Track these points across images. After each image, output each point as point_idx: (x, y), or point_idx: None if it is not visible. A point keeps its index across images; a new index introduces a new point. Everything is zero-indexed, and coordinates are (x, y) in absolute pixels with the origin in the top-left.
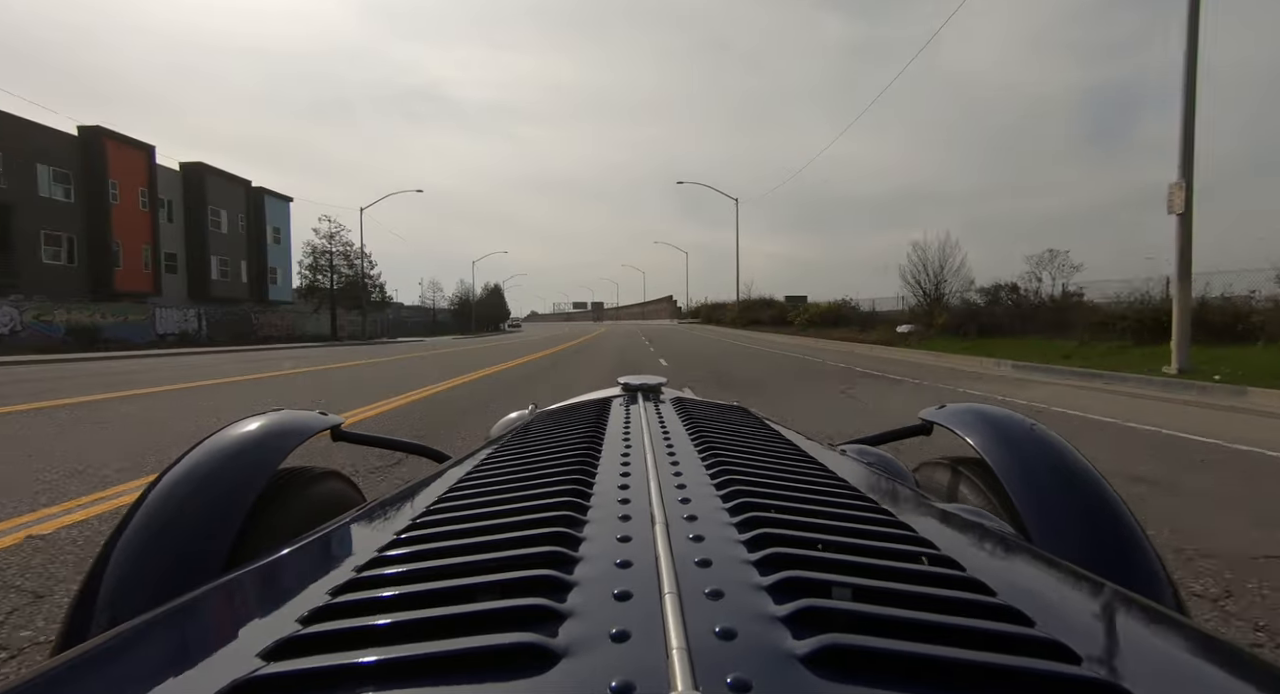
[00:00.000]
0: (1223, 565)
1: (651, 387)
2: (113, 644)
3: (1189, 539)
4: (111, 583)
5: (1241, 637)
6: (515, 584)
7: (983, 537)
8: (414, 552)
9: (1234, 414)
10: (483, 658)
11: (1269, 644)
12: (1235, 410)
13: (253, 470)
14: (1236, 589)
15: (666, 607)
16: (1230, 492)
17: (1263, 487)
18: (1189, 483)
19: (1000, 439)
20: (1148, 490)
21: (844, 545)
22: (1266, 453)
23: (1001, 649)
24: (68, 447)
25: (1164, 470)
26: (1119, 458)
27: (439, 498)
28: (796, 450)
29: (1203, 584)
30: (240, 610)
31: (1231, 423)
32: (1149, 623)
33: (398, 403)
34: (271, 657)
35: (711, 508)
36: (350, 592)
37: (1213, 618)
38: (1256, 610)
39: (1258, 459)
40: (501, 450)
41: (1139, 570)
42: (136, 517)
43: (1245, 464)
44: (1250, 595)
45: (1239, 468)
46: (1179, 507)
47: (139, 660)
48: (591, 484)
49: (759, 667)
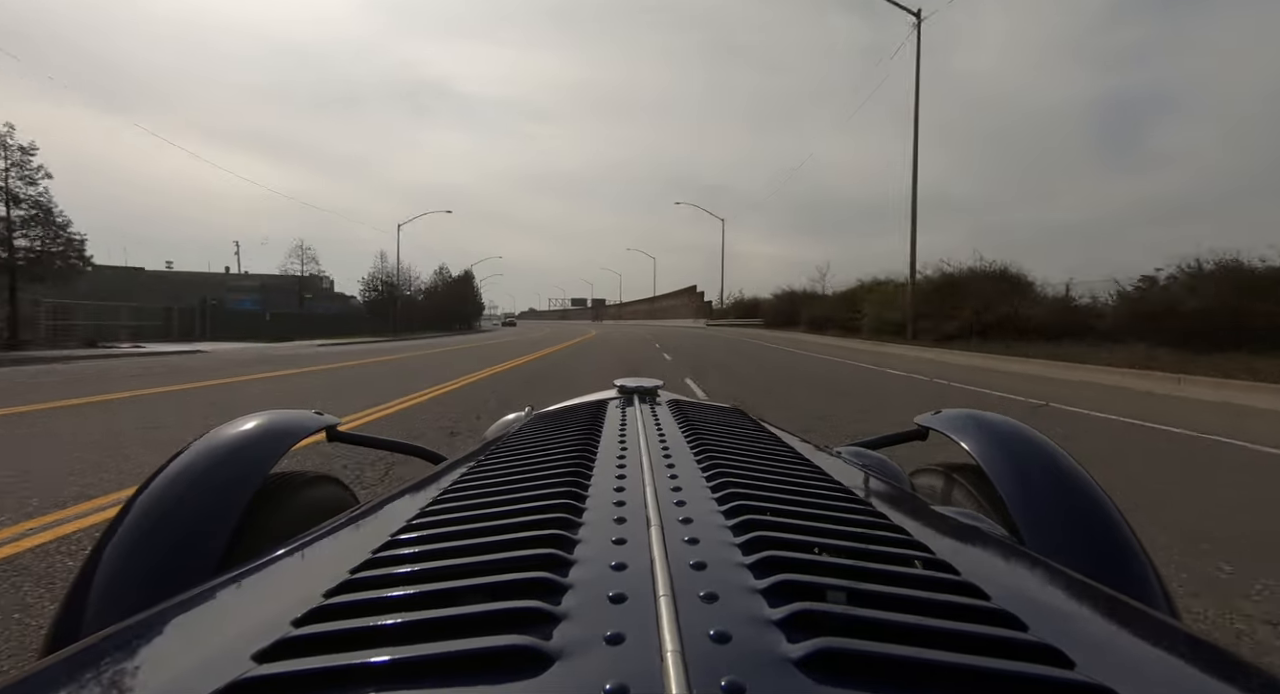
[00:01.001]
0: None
1: (648, 389)
2: (103, 646)
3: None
4: (101, 586)
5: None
6: (510, 586)
7: (977, 540)
8: (408, 554)
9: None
10: (477, 660)
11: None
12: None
13: (247, 472)
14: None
15: (661, 609)
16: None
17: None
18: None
19: (994, 444)
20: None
21: (839, 549)
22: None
23: (995, 654)
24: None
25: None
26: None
27: (434, 500)
28: (793, 453)
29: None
30: (234, 612)
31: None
32: (1142, 627)
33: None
34: (265, 658)
35: (707, 510)
36: (344, 593)
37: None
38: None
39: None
40: (497, 453)
41: (1131, 574)
42: (128, 518)
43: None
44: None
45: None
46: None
47: (130, 662)
48: (587, 486)
49: (753, 670)
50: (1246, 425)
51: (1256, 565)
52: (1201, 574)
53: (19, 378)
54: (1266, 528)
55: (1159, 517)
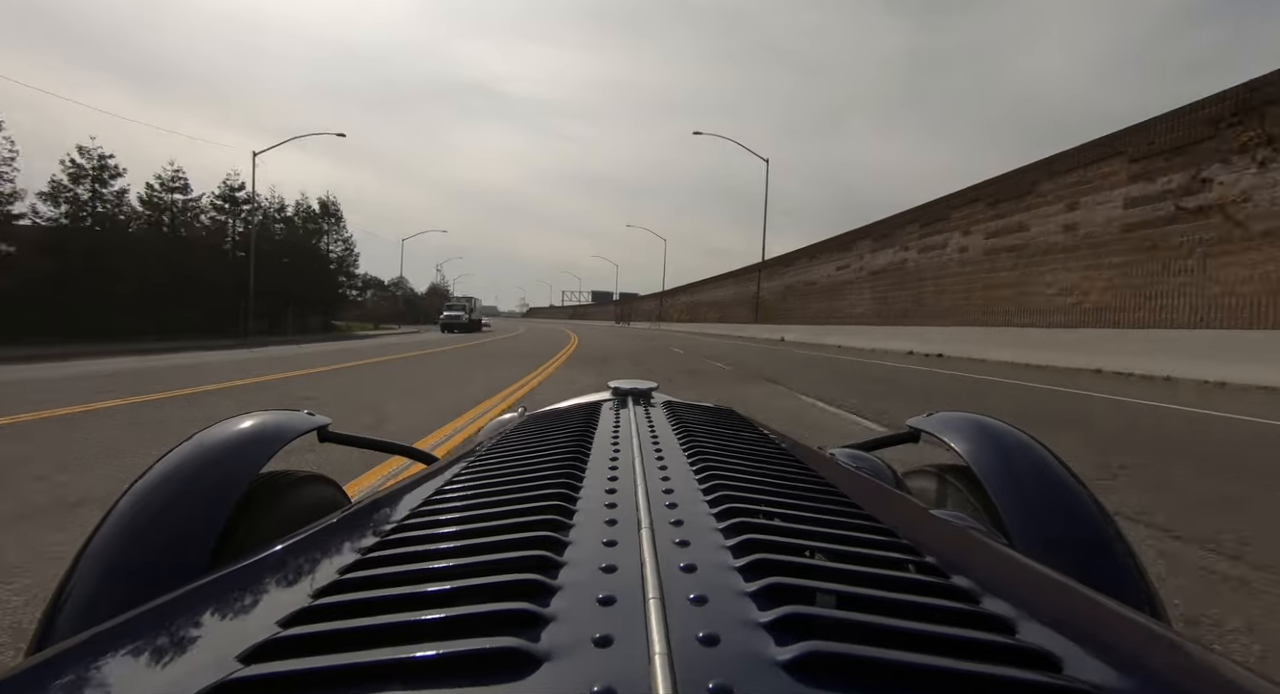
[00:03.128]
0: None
1: (642, 391)
2: (88, 645)
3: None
4: (87, 586)
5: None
6: (498, 588)
7: (968, 543)
8: (397, 554)
9: None
10: (464, 662)
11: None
12: None
13: (237, 471)
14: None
15: (650, 612)
16: None
17: None
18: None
19: (986, 447)
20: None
21: (830, 552)
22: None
23: (985, 657)
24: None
25: None
26: None
27: (425, 501)
28: (785, 455)
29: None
30: (219, 612)
31: None
32: (1130, 631)
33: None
34: (251, 659)
35: (698, 513)
36: (332, 594)
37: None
38: None
39: None
40: (489, 453)
41: (1120, 577)
42: (113, 518)
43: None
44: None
45: None
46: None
47: (115, 662)
48: (578, 488)
49: (740, 673)
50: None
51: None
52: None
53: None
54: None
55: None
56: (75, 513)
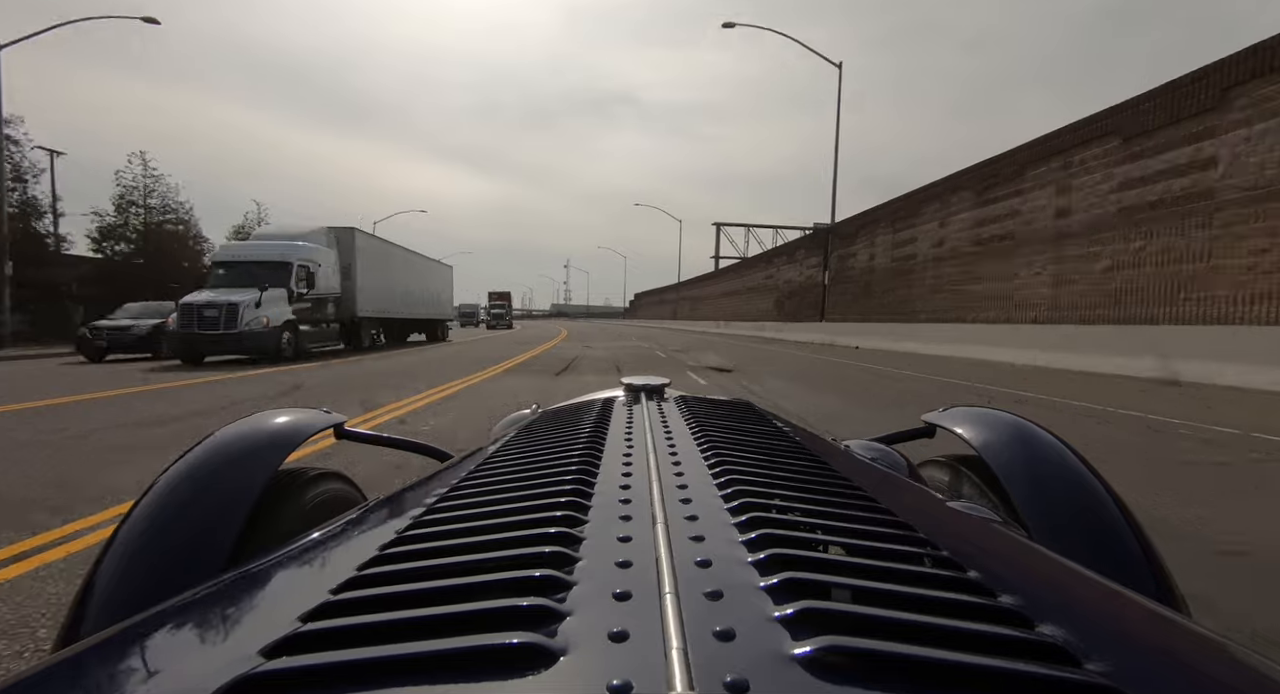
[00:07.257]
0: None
1: (655, 386)
2: (114, 640)
3: None
4: (112, 582)
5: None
6: (515, 583)
7: (985, 536)
8: (415, 550)
9: None
10: (482, 657)
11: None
12: None
13: (256, 469)
14: None
15: (666, 607)
16: None
17: None
18: None
19: (1000, 440)
20: None
21: (845, 546)
22: None
23: (1002, 652)
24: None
25: None
26: None
27: (441, 497)
28: (800, 448)
29: None
30: (242, 608)
31: None
32: (1148, 623)
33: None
34: (273, 654)
35: (713, 508)
36: (352, 589)
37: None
38: None
39: None
40: (504, 450)
41: (1137, 569)
42: (137, 515)
43: None
44: None
45: None
46: None
47: (140, 656)
48: (593, 484)
49: (757, 668)
50: None
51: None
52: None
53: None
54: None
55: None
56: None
